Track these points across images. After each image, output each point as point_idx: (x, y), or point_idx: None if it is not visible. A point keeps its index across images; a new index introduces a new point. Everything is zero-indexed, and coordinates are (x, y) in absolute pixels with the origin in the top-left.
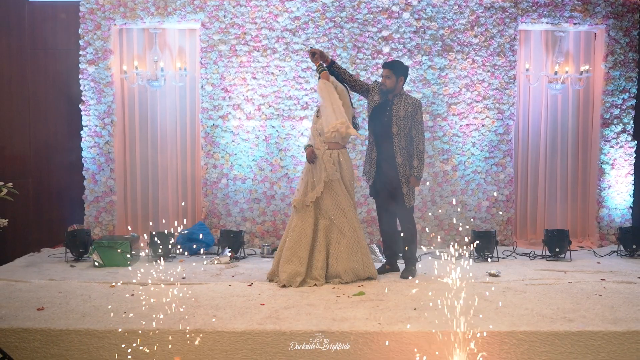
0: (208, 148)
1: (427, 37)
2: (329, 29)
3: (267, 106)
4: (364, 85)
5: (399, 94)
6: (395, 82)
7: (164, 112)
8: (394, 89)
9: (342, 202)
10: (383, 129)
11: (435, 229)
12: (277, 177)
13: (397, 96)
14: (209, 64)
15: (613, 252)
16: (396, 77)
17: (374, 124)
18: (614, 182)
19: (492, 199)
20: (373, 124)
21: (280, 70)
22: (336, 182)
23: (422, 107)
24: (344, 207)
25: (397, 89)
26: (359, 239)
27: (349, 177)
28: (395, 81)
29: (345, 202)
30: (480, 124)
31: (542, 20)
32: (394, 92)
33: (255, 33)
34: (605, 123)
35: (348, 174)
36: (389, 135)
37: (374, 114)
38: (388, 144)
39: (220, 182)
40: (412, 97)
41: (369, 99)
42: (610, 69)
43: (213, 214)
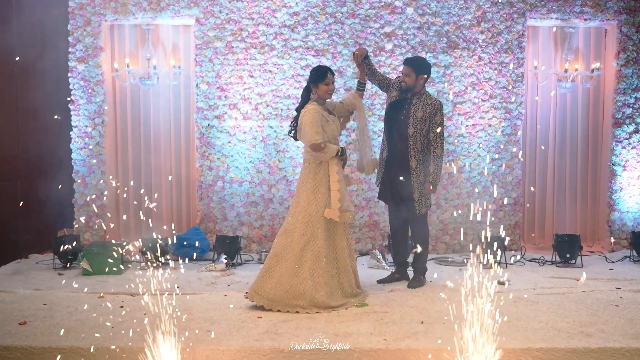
0: (203, 149)
1: (431, 33)
2: (329, 25)
3: (264, 106)
4: (386, 79)
5: (419, 93)
6: (415, 80)
7: (157, 112)
8: (413, 87)
9: None
10: (398, 129)
11: (440, 234)
12: (275, 180)
13: (417, 95)
14: (203, 61)
15: (625, 258)
16: (416, 75)
17: (389, 122)
18: (626, 184)
19: (499, 202)
20: (388, 122)
21: (278, 68)
22: None
23: (443, 108)
24: None
25: (417, 88)
26: None
27: None
28: (415, 79)
29: None
30: (486, 124)
31: (551, 15)
32: (414, 91)
33: (252, 29)
34: (616, 123)
35: None
36: (404, 136)
37: (390, 111)
38: (402, 145)
39: (216, 184)
40: (432, 98)
41: (388, 94)
42: (622, 66)
43: (208, 218)
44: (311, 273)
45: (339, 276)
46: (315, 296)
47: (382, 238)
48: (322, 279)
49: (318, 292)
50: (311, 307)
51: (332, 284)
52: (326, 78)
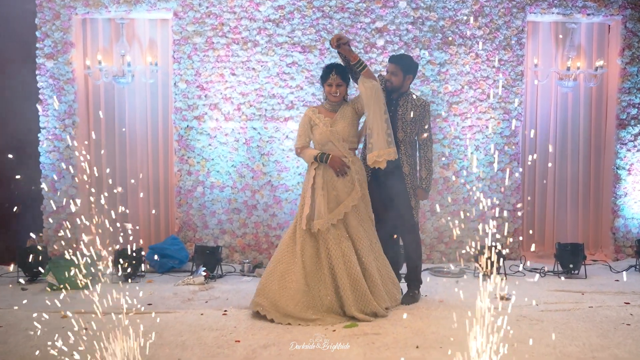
0: (182, 152)
1: (425, 28)
2: (317, 20)
3: (247, 106)
4: None
5: (405, 94)
6: (402, 80)
7: (132, 113)
8: (400, 87)
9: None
10: None
11: (435, 242)
12: (259, 185)
13: (403, 96)
14: (182, 58)
15: (631, 267)
16: (403, 75)
17: None
18: (631, 189)
19: (497, 208)
20: None
21: (262, 66)
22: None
23: (430, 109)
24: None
25: (403, 88)
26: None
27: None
28: (402, 79)
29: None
30: (484, 125)
31: (552, 10)
32: (400, 91)
33: (234, 24)
34: (621, 124)
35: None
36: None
37: None
38: None
39: (196, 190)
40: (420, 98)
41: None
42: (627, 64)
43: (187, 226)
44: (282, 276)
45: (319, 288)
46: (279, 301)
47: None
48: (293, 285)
49: (282, 297)
50: (274, 312)
51: (306, 294)
52: (328, 78)
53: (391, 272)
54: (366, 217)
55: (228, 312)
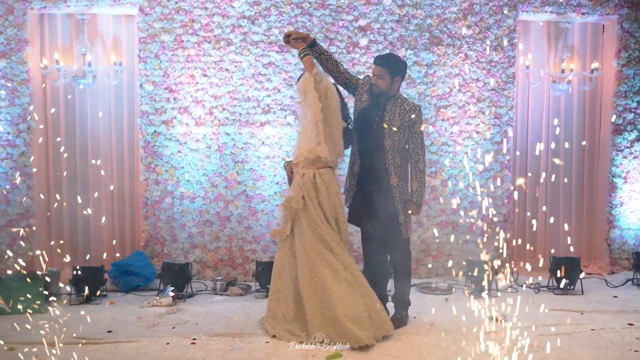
0: (149, 160)
1: (412, 27)
2: (296, 17)
3: (220, 109)
4: (351, 79)
5: (394, 98)
6: (389, 83)
7: (95, 117)
8: (388, 91)
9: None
10: (372, 140)
11: (422, 255)
12: (232, 195)
13: (392, 100)
14: (149, 57)
15: (628, 281)
16: (391, 78)
17: (361, 132)
18: (627, 198)
19: (487, 219)
20: (359, 131)
21: (236, 66)
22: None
23: (422, 115)
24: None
25: (391, 92)
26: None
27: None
28: (389, 82)
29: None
30: (473, 130)
31: (545, 9)
32: (388, 95)
33: (205, 21)
34: (617, 130)
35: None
36: (380, 149)
37: (361, 118)
38: (379, 160)
39: (164, 201)
40: (410, 102)
41: (357, 97)
42: (623, 66)
43: (155, 240)
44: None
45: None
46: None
47: (357, 261)
48: (282, 293)
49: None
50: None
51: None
52: None
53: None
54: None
55: (197, 340)
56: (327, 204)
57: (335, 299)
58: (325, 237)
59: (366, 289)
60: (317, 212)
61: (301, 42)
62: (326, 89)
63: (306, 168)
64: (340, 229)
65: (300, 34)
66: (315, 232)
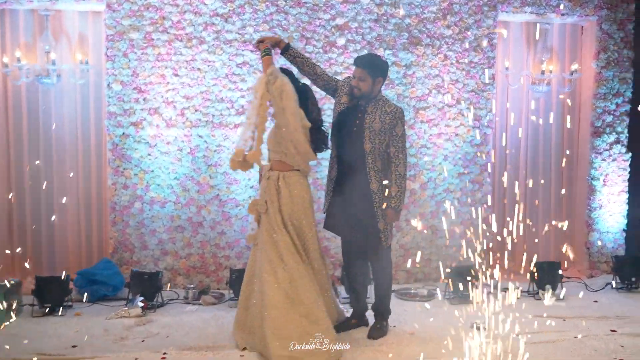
0: (117, 163)
1: (390, 27)
2: (271, 15)
3: (192, 110)
4: (330, 81)
5: (375, 99)
6: (371, 85)
7: (60, 118)
8: (370, 93)
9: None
10: (351, 144)
11: (400, 260)
12: (205, 200)
13: (373, 102)
14: (117, 56)
15: (607, 285)
16: (372, 79)
17: (339, 135)
18: (606, 201)
19: (467, 222)
20: (338, 134)
21: (209, 66)
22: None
23: (404, 117)
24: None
25: (373, 93)
26: None
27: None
28: (371, 84)
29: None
30: (453, 132)
31: (525, 9)
32: (369, 97)
33: (177, 18)
34: (596, 132)
35: (296, 207)
36: (360, 153)
37: (340, 121)
38: (358, 164)
39: (133, 206)
40: (392, 104)
41: (336, 99)
42: (602, 68)
43: (123, 247)
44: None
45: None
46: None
47: (333, 267)
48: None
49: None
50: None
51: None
52: None
53: None
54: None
55: (168, 354)
56: (287, 209)
57: (267, 309)
58: (279, 245)
59: (310, 308)
60: (275, 217)
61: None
62: (280, 90)
63: (272, 170)
64: (303, 236)
65: (272, 39)
66: (270, 238)
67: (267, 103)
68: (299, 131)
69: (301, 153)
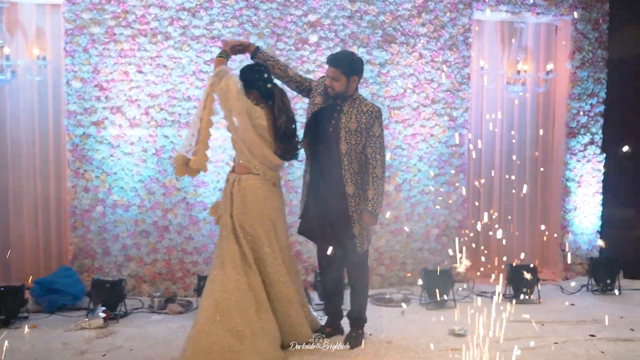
0: (77, 165)
1: (364, 24)
2: (240, 10)
3: (157, 109)
4: (303, 81)
5: (351, 98)
6: (345, 84)
7: (15, 117)
8: (344, 92)
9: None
10: (326, 146)
11: (375, 264)
12: (172, 203)
13: (349, 101)
14: (76, 51)
15: (582, 287)
16: (347, 78)
17: (314, 136)
18: (581, 202)
19: (442, 225)
20: (312, 136)
21: (175, 63)
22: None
23: (381, 117)
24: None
25: (349, 92)
26: None
27: (252, 219)
28: (345, 83)
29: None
30: (428, 133)
31: (500, 7)
32: (345, 96)
33: (141, 12)
34: (571, 133)
35: (249, 214)
36: (336, 154)
37: (314, 122)
38: (334, 166)
39: (95, 210)
40: (368, 103)
41: (310, 100)
42: (577, 68)
43: (84, 254)
44: None
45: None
46: None
47: (306, 272)
48: None
49: None
50: None
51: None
52: None
53: None
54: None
55: None
56: (238, 216)
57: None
58: (224, 253)
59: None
60: (226, 223)
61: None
62: (225, 90)
63: (232, 173)
64: (259, 246)
65: (241, 42)
66: (219, 244)
67: (211, 105)
68: (251, 131)
69: (257, 156)
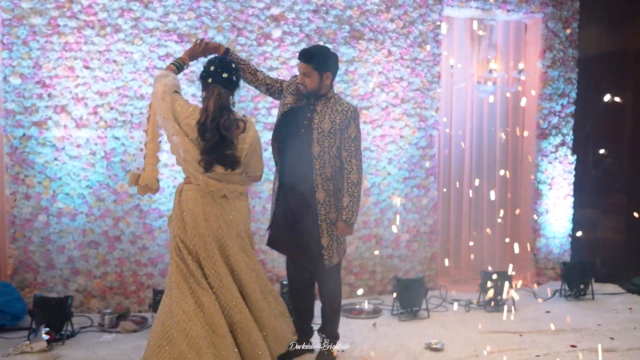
0: (17, 170)
1: (330, 18)
2: (198, 2)
3: (107, 109)
4: (274, 83)
5: (325, 97)
6: (318, 81)
7: None
8: (317, 90)
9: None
10: (298, 148)
11: (343, 273)
12: (124, 210)
13: (322, 100)
14: (15, 44)
15: (556, 292)
16: (319, 74)
17: (283, 138)
18: (552, 205)
19: (412, 230)
20: (281, 138)
21: (126, 58)
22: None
23: (358, 117)
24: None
25: (322, 90)
26: None
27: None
28: (318, 80)
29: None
30: (398, 134)
31: (470, 4)
32: (318, 94)
33: (87, 2)
34: (542, 134)
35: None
36: (307, 157)
37: (284, 123)
38: (305, 170)
39: (37, 219)
40: (343, 103)
41: (280, 101)
42: (548, 67)
43: (25, 268)
44: None
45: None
46: None
47: (270, 282)
48: None
49: None
50: None
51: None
52: None
53: None
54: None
55: None
56: (177, 230)
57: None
58: (169, 270)
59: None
60: (170, 238)
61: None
62: (154, 95)
63: (186, 183)
64: (208, 261)
65: (213, 44)
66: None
67: (155, 116)
68: (180, 134)
69: (191, 163)
